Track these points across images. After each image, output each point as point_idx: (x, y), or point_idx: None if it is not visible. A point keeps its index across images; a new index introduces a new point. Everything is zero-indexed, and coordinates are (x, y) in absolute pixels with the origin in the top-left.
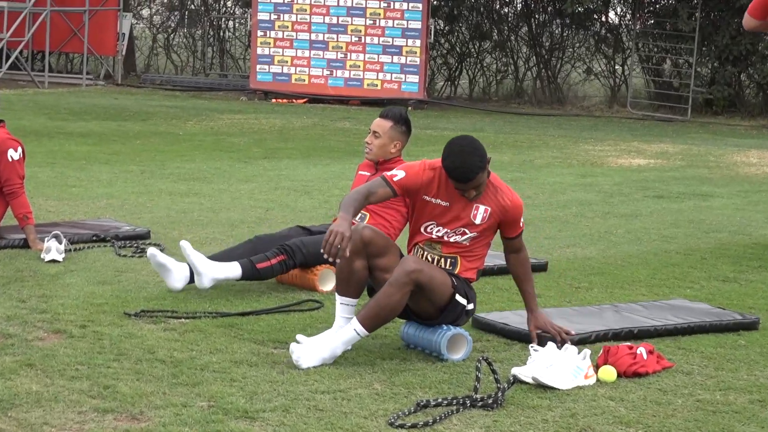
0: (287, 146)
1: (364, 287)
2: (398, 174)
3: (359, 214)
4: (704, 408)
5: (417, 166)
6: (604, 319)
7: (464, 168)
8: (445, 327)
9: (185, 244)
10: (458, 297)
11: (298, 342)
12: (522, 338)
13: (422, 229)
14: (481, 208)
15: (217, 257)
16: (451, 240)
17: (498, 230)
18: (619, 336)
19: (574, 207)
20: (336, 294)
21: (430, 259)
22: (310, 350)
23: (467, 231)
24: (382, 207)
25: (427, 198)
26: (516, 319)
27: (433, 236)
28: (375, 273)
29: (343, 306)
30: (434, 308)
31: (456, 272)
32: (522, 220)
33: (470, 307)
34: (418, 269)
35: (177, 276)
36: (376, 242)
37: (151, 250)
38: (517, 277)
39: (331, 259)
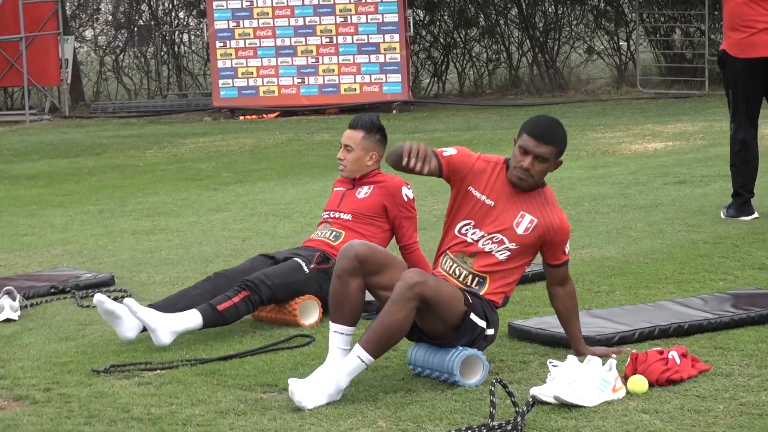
0: (261, 167)
1: (361, 312)
2: (449, 150)
3: (333, 232)
4: (749, 412)
5: (470, 152)
6: (652, 316)
7: (548, 128)
8: (460, 348)
9: (130, 302)
10: (474, 317)
11: (290, 388)
12: (561, 343)
13: (457, 230)
14: (527, 217)
15: (171, 300)
16: (486, 249)
17: (539, 254)
18: (667, 332)
19: (587, 203)
20: (329, 322)
21: (457, 273)
22: (312, 388)
23: (505, 240)
24: (360, 223)
25: (473, 191)
26: (555, 322)
27: (468, 239)
28: (377, 293)
29: (337, 335)
30: (445, 326)
31: (481, 293)
32: (568, 247)
33: (490, 332)
34: (421, 281)
35: (128, 324)
36: (373, 258)
37: (98, 297)
38: (562, 312)
39: (412, 163)
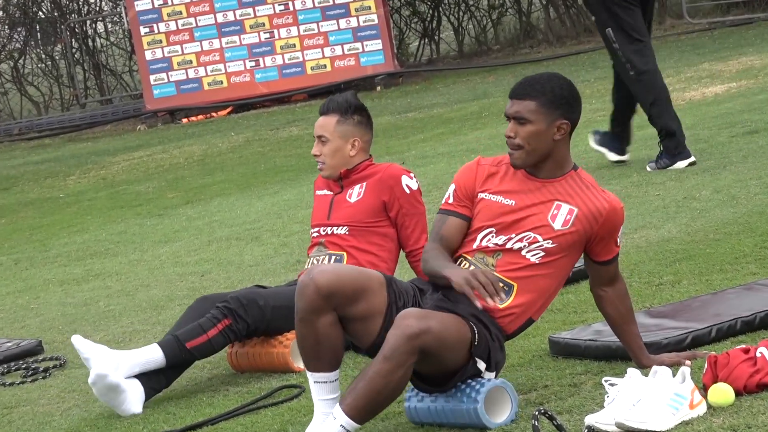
0: (215, 180)
1: (341, 352)
2: (449, 190)
3: (332, 257)
4: None
5: (466, 168)
6: (731, 306)
7: (526, 82)
8: (470, 383)
9: (76, 339)
10: (478, 362)
11: None
12: (619, 355)
13: (476, 244)
14: (564, 207)
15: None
16: (515, 247)
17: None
18: (752, 325)
19: (635, 173)
20: (306, 372)
21: None
22: None
23: (539, 238)
24: (360, 236)
25: (485, 196)
26: (609, 330)
27: (490, 246)
28: (352, 325)
29: (318, 386)
30: (440, 371)
31: (502, 306)
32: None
33: (489, 375)
34: (423, 330)
35: (133, 396)
36: (343, 286)
37: (97, 372)
38: (615, 318)
39: (490, 303)
